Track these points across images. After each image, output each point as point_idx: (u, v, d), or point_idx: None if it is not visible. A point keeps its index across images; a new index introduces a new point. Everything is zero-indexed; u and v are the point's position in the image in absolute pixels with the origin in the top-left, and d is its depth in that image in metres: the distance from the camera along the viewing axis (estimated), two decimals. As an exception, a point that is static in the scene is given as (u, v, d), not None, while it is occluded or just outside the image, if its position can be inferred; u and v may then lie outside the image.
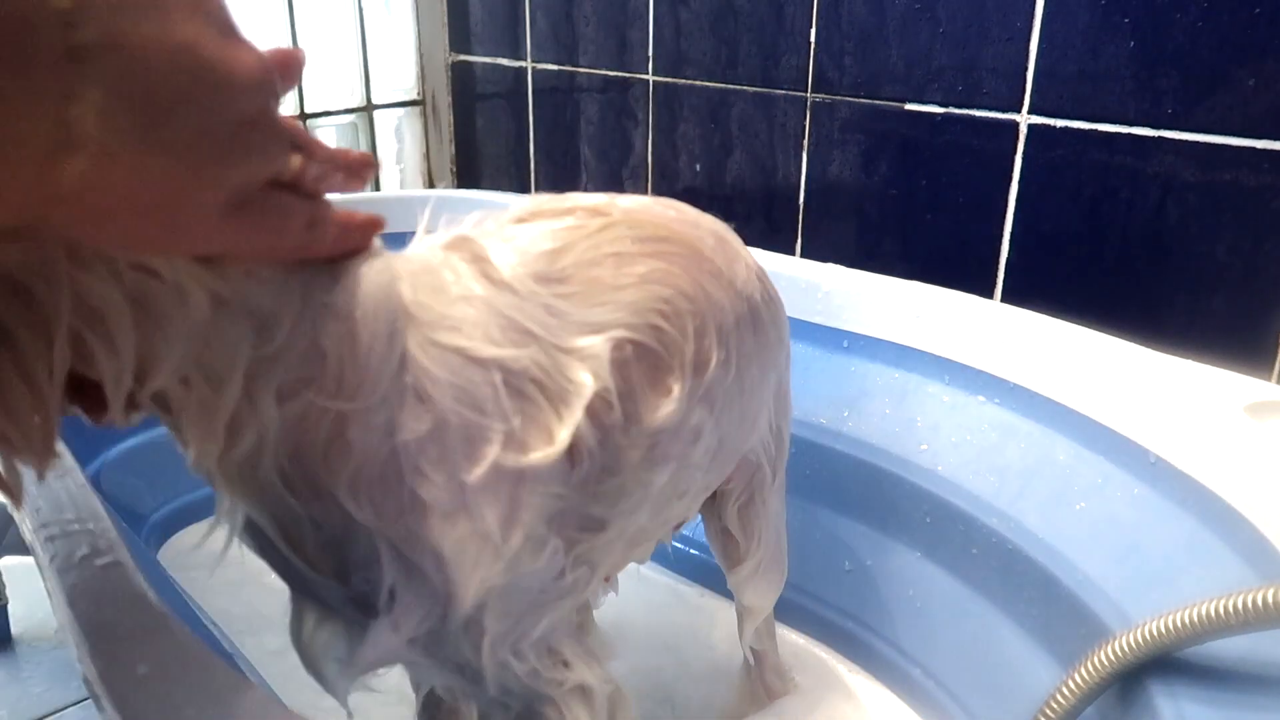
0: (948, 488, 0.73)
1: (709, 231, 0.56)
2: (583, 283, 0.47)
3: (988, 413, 0.73)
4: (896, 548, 0.77)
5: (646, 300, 0.48)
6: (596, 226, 0.49)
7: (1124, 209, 0.79)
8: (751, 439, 0.60)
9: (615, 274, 0.48)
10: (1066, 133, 0.81)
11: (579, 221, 0.49)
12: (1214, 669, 0.52)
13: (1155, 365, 0.67)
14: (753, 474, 0.63)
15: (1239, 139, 0.72)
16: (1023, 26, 0.81)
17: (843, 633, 0.82)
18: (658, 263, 0.50)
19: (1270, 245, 0.72)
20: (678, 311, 0.50)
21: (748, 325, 0.55)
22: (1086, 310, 0.80)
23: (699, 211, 0.58)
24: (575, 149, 1.27)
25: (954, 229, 0.90)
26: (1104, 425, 0.65)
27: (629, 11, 1.14)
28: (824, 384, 0.82)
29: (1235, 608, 0.48)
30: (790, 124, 1.02)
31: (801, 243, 1.04)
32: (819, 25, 0.96)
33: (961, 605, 0.72)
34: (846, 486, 0.80)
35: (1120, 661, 0.53)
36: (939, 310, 0.79)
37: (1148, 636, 0.52)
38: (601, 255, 0.48)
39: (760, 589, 0.67)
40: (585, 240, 0.48)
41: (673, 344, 0.49)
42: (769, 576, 0.68)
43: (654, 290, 0.49)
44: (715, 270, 0.53)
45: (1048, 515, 0.66)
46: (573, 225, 0.49)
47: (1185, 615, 0.50)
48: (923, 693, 0.75)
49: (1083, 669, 0.55)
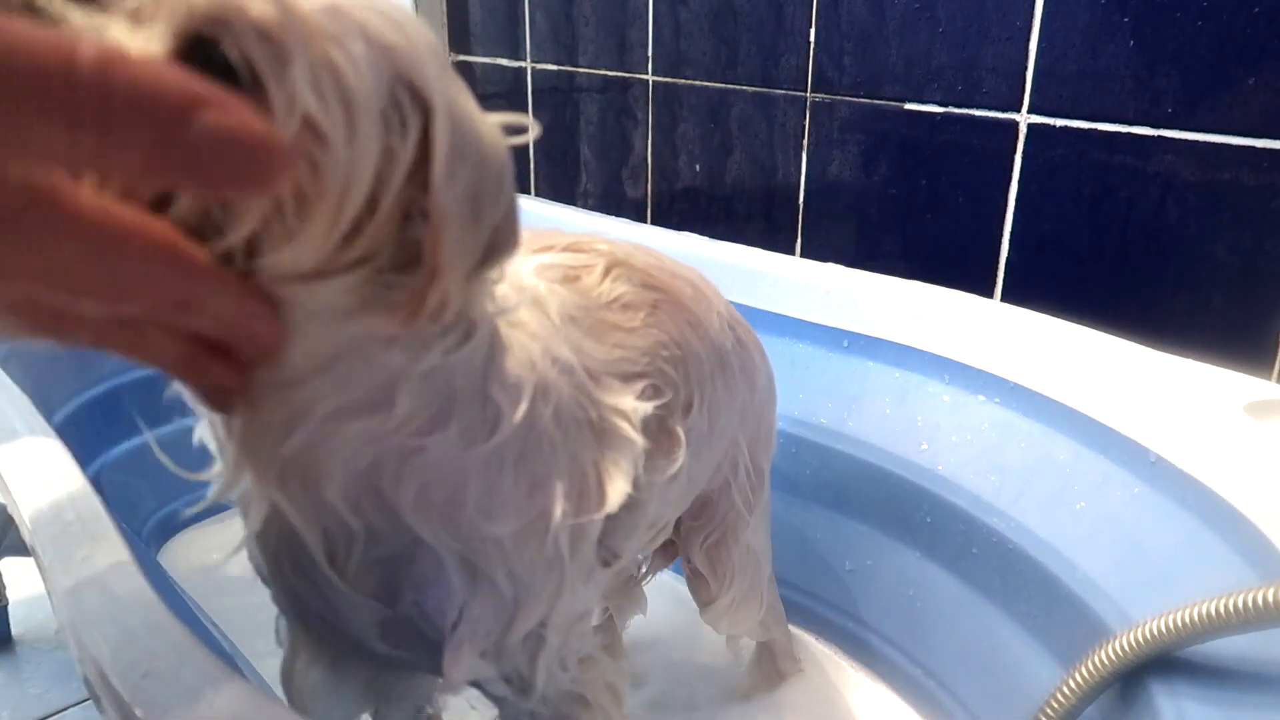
0: (948, 487, 0.73)
1: (686, 281, 0.58)
2: (596, 323, 0.49)
3: (988, 412, 0.73)
4: (896, 548, 0.77)
5: (653, 346, 0.51)
6: (603, 268, 0.52)
7: (1124, 209, 0.79)
8: (710, 479, 0.62)
9: (622, 317, 0.51)
10: (1066, 132, 0.81)
11: (588, 260, 0.52)
12: (1215, 668, 0.52)
13: (1155, 365, 0.67)
14: (725, 513, 0.64)
15: (1239, 139, 0.72)
16: (1022, 26, 0.81)
17: (843, 632, 0.82)
18: (654, 311, 0.53)
19: (1270, 245, 0.72)
20: (673, 358, 0.53)
21: (719, 373, 0.58)
22: (1086, 310, 0.80)
23: (674, 260, 0.61)
24: (575, 149, 1.27)
25: (954, 229, 0.90)
26: (1104, 425, 0.65)
27: (629, 11, 1.14)
28: (824, 384, 0.82)
29: (1235, 607, 0.48)
30: (790, 124, 1.02)
31: (801, 243, 1.04)
32: (819, 25, 0.96)
33: (961, 605, 0.72)
34: (846, 486, 0.80)
35: (1120, 661, 0.53)
36: (939, 310, 0.79)
37: (1148, 636, 0.52)
38: (611, 298, 0.51)
39: (735, 620, 0.70)
40: (594, 280, 0.51)
41: (673, 389, 0.52)
42: (745, 609, 0.69)
43: (655, 336, 0.52)
44: (695, 320, 0.56)
45: (1048, 515, 0.66)
46: (584, 263, 0.51)
47: (1185, 615, 0.50)
48: (923, 692, 0.75)
49: (1082, 668, 0.55)
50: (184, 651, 0.38)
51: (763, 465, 0.67)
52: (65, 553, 0.44)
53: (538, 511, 0.43)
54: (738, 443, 0.63)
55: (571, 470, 0.44)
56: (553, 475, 0.43)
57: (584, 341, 0.47)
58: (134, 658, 0.37)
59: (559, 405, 0.44)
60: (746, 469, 0.64)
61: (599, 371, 0.48)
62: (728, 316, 0.61)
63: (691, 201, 1.15)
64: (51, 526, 0.46)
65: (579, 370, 0.46)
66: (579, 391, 0.45)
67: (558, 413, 0.43)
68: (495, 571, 0.42)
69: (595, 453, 0.46)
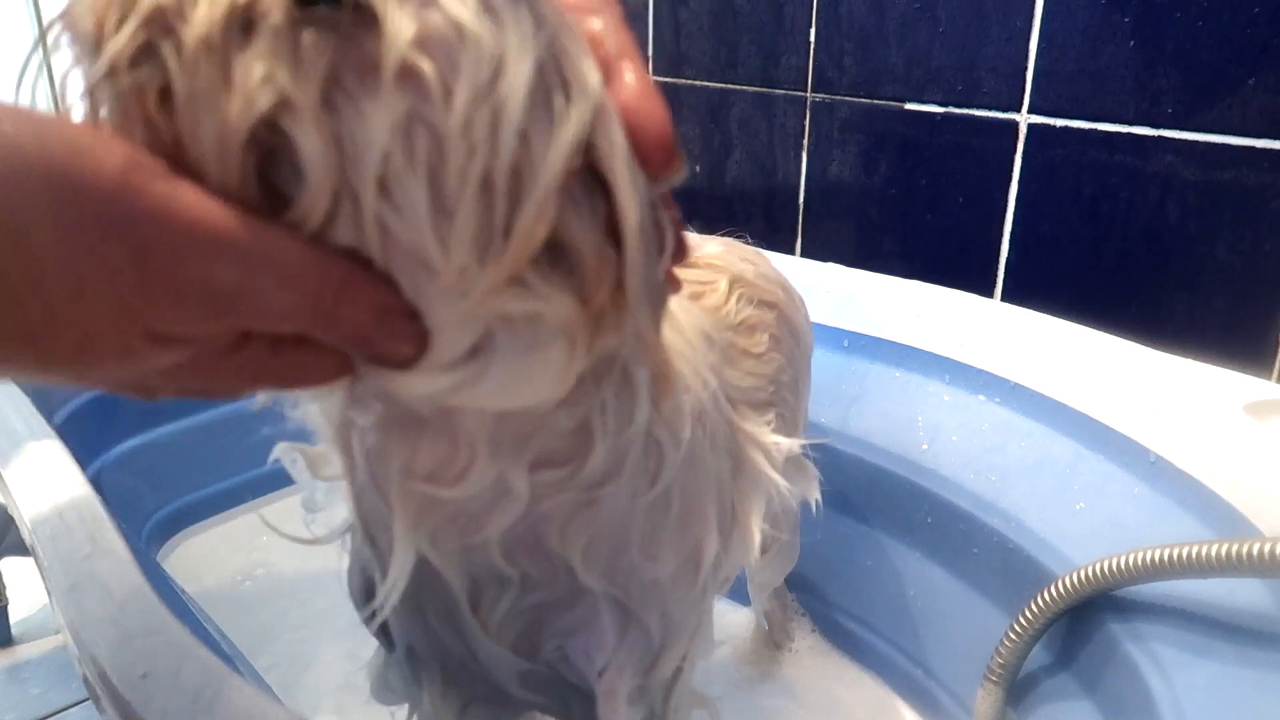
0: (948, 487, 0.73)
1: (778, 284, 0.58)
2: (728, 346, 0.48)
3: (988, 412, 0.73)
4: (896, 548, 0.77)
5: (776, 373, 0.51)
6: (726, 286, 0.51)
7: (1124, 209, 0.79)
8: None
9: (750, 342, 0.50)
10: (1066, 132, 0.81)
11: (708, 276, 0.51)
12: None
13: (1155, 365, 0.67)
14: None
15: (1239, 139, 0.72)
16: (1022, 26, 0.81)
17: (843, 631, 0.82)
18: (775, 337, 0.52)
19: (1270, 245, 0.72)
20: (790, 383, 0.53)
21: (805, 365, 0.58)
22: (1086, 310, 0.80)
23: (754, 251, 0.60)
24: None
25: (954, 229, 0.90)
26: (1104, 424, 0.65)
27: (629, 12, 1.13)
28: (824, 384, 0.82)
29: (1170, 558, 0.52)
30: (790, 124, 1.02)
31: (801, 242, 1.04)
32: (819, 25, 0.96)
33: (961, 605, 0.72)
34: (846, 486, 0.80)
35: (1061, 601, 0.58)
36: (939, 310, 0.79)
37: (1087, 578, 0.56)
38: (738, 320, 0.50)
39: (775, 568, 0.72)
40: (719, 299, 0.50)
41: (791, 413, 0.52)
42: (785, 556, 0.71)
43: (778, 362, 0.51)
44: (794, 329, 0.56)
45: (1048, 515, 0.66)
46: (706, 279, 0.50)
47: (1120, 560, 0.55)
48: (923, 692, 0.75)
49: (1026, 611, 0.60)
50: (184, 651, 0.38)
51: (807, 408, 0.67)
52: (65, 553, 0.44)
53: (693, 545, 0.41)
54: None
55: (719, 500, 0.43)
56: (705, 504, 0.41)
57: (721, 365, 0.46)
58: (134, 658, 0.37)
59: (713, 431, 0.42)
60: (799, 421, 0.64)
61: (736, 399, 0.46)
62: (802, 308, 0.61)
63: (691, 201, 1.15)
64: (51, 526, 0.46)
65: (721, 396, 0.44)
66: (723, 417, 0.44)
67: (712, 438, 0.42)
68: (649, 614, 0.40)
69: (734, 486, 0.44)
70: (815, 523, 0.82)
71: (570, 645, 0.40)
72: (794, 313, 0.58)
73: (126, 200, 0.23)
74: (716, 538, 0.42)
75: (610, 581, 0.38)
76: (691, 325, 0.44)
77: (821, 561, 0.82)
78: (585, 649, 0.40)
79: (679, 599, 0.41)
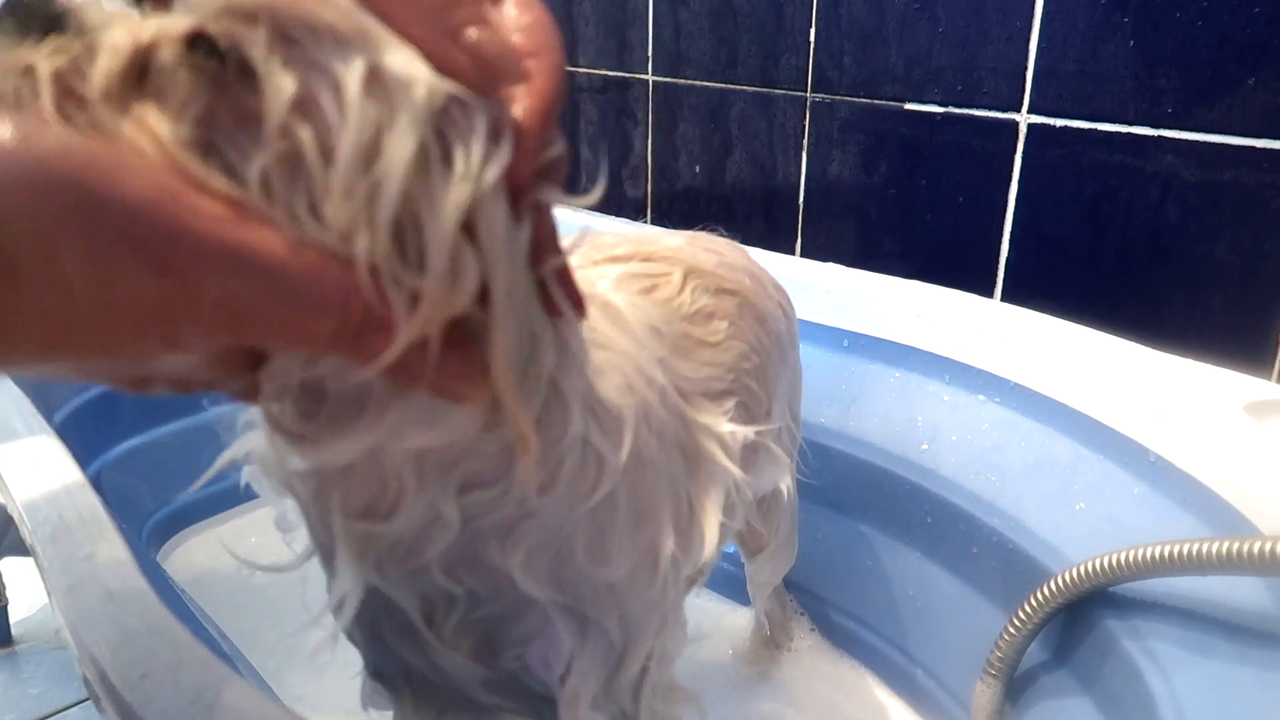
0: (948, 487, 0.73)
1: (745, 271, 0.57)
2: (681, 337, 0.48)
3: (988, 412, 0.73)
4: (896, 548, 0.77)
5: (736, 361, 0.50)
6: (680, 277, 0.50)
7: (1124, 209, 0.79)
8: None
9: (706, 331, 0.49)
10: (1066, 132, 0.81)
11: (663, 269, 0.50)
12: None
13: (1155, 365, 0.67)
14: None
15: (1239, 139, 0.72)
16: (1022, 26, 0.81)
17: (843, 631, 0.82)
18: (735, 323, 0.51)
19: (1270, 245, 0.72)
20: (754, 369, 0.52)
21: (780, 360, 0.57)
22: (1086, 310, 0.80)
23: (726, 242, 0.59)
24: (575, 149, 1.27)
25: (954, 229, 0.90)
26: (1104, 424, 0.65)
27: (629, 11, 1.14)
28: (824, 384, 0.82)
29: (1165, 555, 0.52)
30: (790, 124, 1.02)
31: (801, 242, 1.04)
32: (818, 25, 0.96)
33: (961, 605, 0.72)
34: (846, 486, 0.80)
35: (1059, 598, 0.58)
36: (939, 310, 0.79)
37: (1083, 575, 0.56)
38: (693, 310, 0.49)
39: (774, 567, 0.72)
40: (673, 290, 0.49)
41: (756, 402, 0.51)
42: (785, 552, 0.71)
43: (738, 349, 0.50)
44: (761, 315, 0.55)
45: (1048, 515, 0.66)
46: (660, 272, 0.50)
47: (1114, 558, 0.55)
48: (923, 691, 0.75)
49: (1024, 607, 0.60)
50: (183, 651, 0.38)
51: (799, 410, 0.66)
52: (65, 553, 0.44)
53: (647, 545, 0.41)
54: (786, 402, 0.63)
55: (674, 497, 0.43)
56: (658, 504, 0.41)
57: (671, 359, 0.45)
58: (134, 658, 0.37)
59: (660, 429, 0.42)
60: (789, 421, 0.64)
61: (689, 391, 0.46)
62: (775, 294, 0.60)
63: (691, 201, 1.15)
64: (51, 526, 0.46)
65: (671, 391, 0.44)
66: (673, 413, 0.44)
67: (660, 437, 0.41)
68: (606, 619, 0.40)
69: (690, 482, 0.44)
70: (815, 523, 0.82)
71: (528, 653, 0.40)
72: (761, 300, 0.56)
73: (150, 218, 0.24)
74: (673, 536, 0.42)
75: (558, 590, 0.38)
76: (639, 320, 0.44)
77: (821, 561, 0.82)
78: (543, 656, 0.40)
79: (637, 599, 0.41)
